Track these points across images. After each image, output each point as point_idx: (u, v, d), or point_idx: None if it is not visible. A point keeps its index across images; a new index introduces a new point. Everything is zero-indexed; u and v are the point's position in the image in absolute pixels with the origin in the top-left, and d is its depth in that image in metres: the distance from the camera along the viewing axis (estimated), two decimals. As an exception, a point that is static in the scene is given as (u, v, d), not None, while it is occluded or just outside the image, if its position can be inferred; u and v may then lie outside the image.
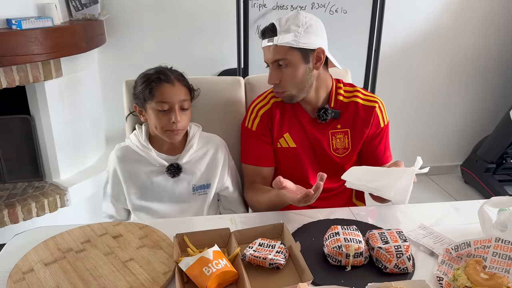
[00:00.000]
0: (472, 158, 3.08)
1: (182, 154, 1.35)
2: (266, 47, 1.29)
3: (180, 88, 1.28)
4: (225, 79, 1.55)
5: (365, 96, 1.38)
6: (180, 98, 1.27)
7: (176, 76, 1.30)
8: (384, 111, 1.39)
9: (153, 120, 1.29)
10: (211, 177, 1.39)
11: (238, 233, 1.07)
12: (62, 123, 2.25)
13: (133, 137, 1.37)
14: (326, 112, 1.33)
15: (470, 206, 1.25)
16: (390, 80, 2.90)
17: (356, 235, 1.00)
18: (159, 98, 1.25)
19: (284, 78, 1.28)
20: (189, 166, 1.36)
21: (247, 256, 0.97)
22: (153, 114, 1.28)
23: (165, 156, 1.35)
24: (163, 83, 1.26)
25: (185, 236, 1.03)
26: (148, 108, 1.29)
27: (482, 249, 0.98)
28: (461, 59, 3.00)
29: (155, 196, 1.35)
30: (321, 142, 1.37)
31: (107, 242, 1.04)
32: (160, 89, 1.25)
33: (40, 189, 2.23)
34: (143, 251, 1.01)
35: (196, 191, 1.37)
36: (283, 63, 1.26)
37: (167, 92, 1.26)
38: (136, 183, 1.35)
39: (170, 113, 1.26)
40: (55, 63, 2.11)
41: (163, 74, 1.28)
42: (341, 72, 1.59)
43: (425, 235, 1.11)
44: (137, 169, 1.35)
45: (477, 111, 3.18)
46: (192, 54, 2.68)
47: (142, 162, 1.34)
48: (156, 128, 1.29)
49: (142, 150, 1.33)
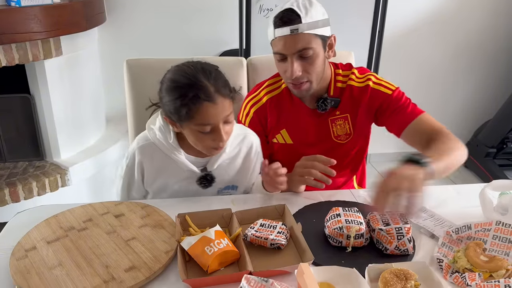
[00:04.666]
0: (472, 142, 3.08)
1: (213, 159, 1.19)
2: (287, 36, 1.15)
3: (223, 103, 1.05)
4: (227, 59, 1.53)
5: (358, 78, 1.31)
6: (224, 115, 1.06)
7: (217, 88, 1.04)
8: (383, 82, 1.30)
9: (192, 139, 1.11)
10: (240, 180, 1.27)
11: (239, 213, 1.07)
12: (62, 102, 2.24)
13: (158, 132, 1.16)
14: (325, 102, 1.28)
15: (471, 189, 1.25)
16: (392, 63, 2.87)
17: (357, 217, 1.01)
18: (200, 121, 1.04)
19: (308, 69, 1.19)
20: (218, 170, 1.21)
21: (248, 236, 0.98)
22: (193, 134, 1.09)
23: (194, 159, 1.18)
24: (204, 103, 1.02)
25: (187, 216, 1.03)
26: (185, 126, 1.09)
27: (482, 232, 0.99)
28: (464, 43, 2.97)
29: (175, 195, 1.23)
30: (322, 132, 1.33)
31: (109, 221, 1.05)
32: (200, 111, 1.03)
33: (41, 169, 2.24)
34: (145, 230, 1.01)
35: (220, 192, 1.26)
36: (307, 53, 1.16)
37: (209, 113, 1.03)
38: (158, 185, 1.22)
39: (213, 131, 1.07)
40: (54, 42, 2.09)
41: (201, 89, 1.02)
42: (344, 54, 1.57)
43: (426, 217, 1.11)
44: (163, 170, 1.20)
45: (479, 95, 3.16)
46: (193, 34, 2.64)
47: (168, 164, 1.18)
48: (196, 145, 1.12)
49: (169, 151, 1.16)
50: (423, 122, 1.26)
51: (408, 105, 1.28)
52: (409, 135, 1.27)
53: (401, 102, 1.28)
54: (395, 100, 1.28)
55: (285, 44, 1.17)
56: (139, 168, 1.20)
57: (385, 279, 0.83)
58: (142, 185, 1.23)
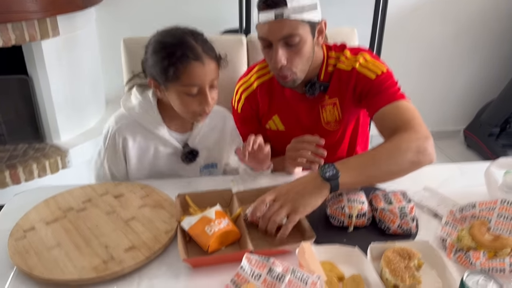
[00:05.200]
0: (476, 122, 3.05)
1: (194, 133, 1.20)
2: (272, 21, 1.06)
3: (210, 65, 1.05)
4: (226, 37, 1.50)
5: (348, 59, 1.22)
6: (211, 77, 1.06)
7: (205, 50, 1.04)
8: (371, 64, 1.19)
9: (178, 103, 1.08)
10: (218, 156, 1.28)
11: (240, 194, 1.06)
12: (60, 83, 2.22)
13: (138, 107, 1.15)
14: (313, 87, 1.21)
15: (475, 168, 1.23)
16: (395, 42, 2.82)
17: (359, 196, 0.99)
18: (187, 81, 1.03)
19: (293, 58, 1.11)
20: (199, 145, 1.22)
21: (248, 216, 0.96)
22: (178, 98, 1.07)
23: (175, 134, 1.19)
24: (191, 62, 1.02)
25: (187, 196, 1.02)
26: (170, 88, 1.07)
27: (487, 211, 0.97)
28: (467, 22, 2.90)
29: (159, 176, 1.21)
30: (313, 118, 1.28)
31: (108, 202, 1.03)
32: (188, 71, 1.02)
33: (41, 151, 2.22)
34: (144, 211, 1.00)
35: (202, 171, 1.26)
36: (293, 40, 1.07)
37: (197, 74, 1.03)
38: (142, 163, 1.19)
39: (199, 95, 1.06)
40: (51, 21, 2.05)
41: (189, 49, 1.02)
42: (347, 30, 1.54)
43: (429, 196, 1.10)
44: (145, 147, 1.17)
45: (483, 75, 3.12)
46: (192, 13, 2.59)
47: (150, 139, 1.17)
48: (181, 111, 1.10)
49: (151, 125, 1.14)
50: (394, 110, 1.12)
51: (388, 89, 1.15)
52: (378, 120, 1.15)
53: (383, 87, 1.16)
54: (377, 84, 1.16)
55: (270, 29, 1.08)
56: (121, 148, 1.17)
57: (387, 258, 0.82)
58: (125, 165, 1.20)
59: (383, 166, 0.99)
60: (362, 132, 1.40)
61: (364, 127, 1.42)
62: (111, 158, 1.19)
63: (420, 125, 1.06)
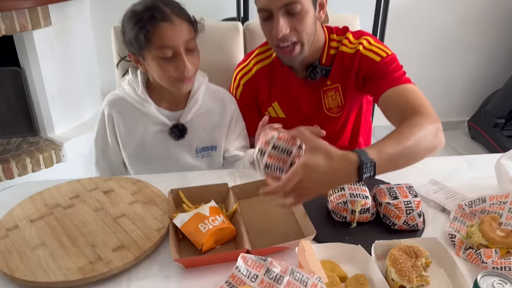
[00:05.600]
0: (480, 113, 2.98)
1: (185, 110, 1.16)
2: None
3: (181, 25, 1.03)
4: (222, 24, 1.43)
5: (351, 43, 1.17)
6: (184, 38, 1.03)
7: (174, 11, 1.04)
8: (376, 47, 1.15)
9: (156, 70, 1.07)
10: (218, 140, 1.23)
11: (236, 188, 1.00)
12: (54, 75, 2.16)
13: (127, 86, 1.16)
14: (315, 71, 1.16)
15: (484, 160, 1.18)
16: (399, 31, 2.75)
17: (362, 190, 0.93)
18: (159, 43, 1.02)
19: (296, 26, 1.05)
20: (193, 124, 1.18)
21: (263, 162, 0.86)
22: (155, 64, 1.05)
23: (166, 112, 1.16)
24: (160, 23, 1.01)
25: (181, 192, 0.97)
26: (147, 56, 1.06)
27: (498, 205, 0.92)
28: (474, 10, 2.82)
29: (153, 157, 1.19)
30: (314, 104, 1.23)
31: (97, 198, 0.98)
32: (157, 32, 1.01)
33: (35, 145, 2.17)
34: (135, 207, 0.95)
35: (199, 153, 1.22)
36: (295, 8, 1.03)
37: (167, 34, 1.01)
38: (132, 142, 1.18)
39: (175, 58, 1.04)
40: (43, 11, 1.99)
41: (157, 10, 1.01)
42: (348, 17, 1.47)
43: (436, 190, 1.04)
44: (134, 126, 1.16)
45: (488, 64, 3.04)
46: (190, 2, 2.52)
47: (139, 118, 1.15)
48: (161, 79, 1.08)
49: (139, 103, 1.14)
50: (402, 92, 1.06)
51: (394, 72, 1.10)
52: (384, 104, 1.09)
53: (389, 69, 1.11)
54: (382, 66, 1.12)
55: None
56: (110, 124, 1.18)
57: (393, 256, 0.77)
58: (117, 145, 1.20)
59: (411, 154, 0.90)
60: (365, 121, 1.35)
61: (367, 117, 1.36)
62: (102, 137, 1.20)
63: (430, 109, 1.01)
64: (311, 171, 0.77)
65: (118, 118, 1.17)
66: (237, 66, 1.31)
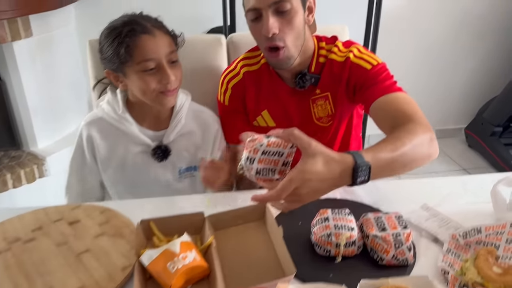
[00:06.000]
0: (477, 120, 2.92)
1: (168, 130, 1.13)
2: None
3: (162, 38, 1.03)
4: (204, 37, 1.37)
5: (341, 51, 1.15)
6: (166, 49, 1.03)
7: (153, 24, 1.03)
8: (366, 55, 1.12)
9: (138, 85, 1.03)
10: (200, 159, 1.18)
11: (213, 217, 0.93)
12: (36, 87, 2.09)
13: (107, 106, 1.12)
14: (304, 78, 1.13)
15: (480, 181, 1.11)
16: (392, 37, 2.68)
17: (348, 221, 0.86)
18: (140, 56, 1.00)
19: (285, 27, 1.02)
20: (176, 145, 1.15)
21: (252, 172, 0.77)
22: (137, 78, 1.02)
23: (148, 131, 1.13)
24: (140, 36, 0.99)
25: (152, 222, 0.89)
26: (128, 72, 1.03)
27: (494, 236, 0.84)
28: (469, 14, 2.76)
29: (134, 178, 1.15)
30: (303, 113, 1.18)
31: (61, 230, 0.91)
32: (138, 45, 0.99)
33: (16, 159, 2.09)
34: (101, 240, 0.87)
35: (182, 174, 1.18)
36: (284, 6, 1.00)
37: (148, 46, 1.00)
38: (112, 163, 1.14)
39: (158, 71, 1.02)
40: (23, 22, 1.92)
41: (136, 24, 1.00)
42: (337, 28, 1.40)
43: (429, 217, 0.97)
44: (115, 146, 1.12)
45: (484, 71, 2.98)
46: (179, 9, 2.46)
47: (119, 138, 1.12)
48: (144, 94, 1.04)
49: (119, 123, 1.10)
50: (394, 100, 1.03)
51: (385, 80, 1.08)
52: (376, 112, 1.06)
53: (380, 77, 1.08)
54: (373, 75, 1.09)
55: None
56: (89, 145, 1.12)
57: (379, 300, 0.70)
58: (96, 166, 1.15)
59: (407, 160, 0.86)
60: (355, 135, 1.29)
61: (357, 131, 1.31)
62: (79, 158, 1.16)
63: (424, 119, 0.97)
64: (309, 178, 0.72)
65: (98, 139, 1.12)
66: (224, 72, 1.26)
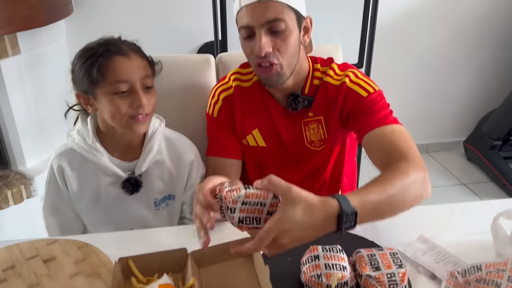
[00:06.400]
0: (476, 134, 2.88)
1: (140, 160, 1.07)
2: (255, 4, 0.95)
3: (138, 61, 0.99)
4: (192, 57, 1.32)
5: (337, 74, 1.10)
6: (141, 74, 0.98)
7: (130, 47, 1.00)
8: (363, 81, 1.08)
9: (108, 108, 0.98)
10: (176, 189, 1.14)
11: (197, 253, 0.87)
12: (24, 105, 2.04)
13: (77, 136, 1.07)
14: (296, 100, 1.08)
15: (480, 209, 1.06)
16: (387, 52, 2.65)
17: (340, 259, 0.81)
18: (113, 77, 0.95)
19: (279, 46, 0.98)
20: (148, 175, 1.09)
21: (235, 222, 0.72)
22: (107, 100, 0.97)
23: (119, 162, 1.07)
24: (115, 57, 0.96)
25: (130, 261, 0.84)
26: (99, 93, 0.98)
27: (495, 273, 0.79)
28: (465, 26, 2.73)
29: (109, 210, 1.10)
30: (295, 136, 1.14)
31: (35, 269, 0.85)
32: (111, 65, 0.95)
33: (4, 179, 2.04)
34: (77, 282, 0.82)
35: (158, 206, 1.12)
36: (278, 26, 0.96)
37: (122, 68, 0.96)
38: (85, 195, 1.09)
39: (130, 94, 0.97)
40: (10, 39, 1.87)
41: (111, 44, 0.97)
42: (331, 48, 1.36)
43: (426, 251, 0.92)
44: (86, 178, 1.07)
45: (482, 83, 2.94)
46: (171, 24, 2.43)
47: (90, 169, 1.07)
48: (114, 118, 0.99)
49: (90, 153, 1.04)
50: (389, 133, 0.99)
51: (381, 110, 1.03)
52: (369, 144, 1.02)
53: (376, 107, 1.04)
54: (369, 103, 1.04)
55: (253, 13, 0.96)
56: (61, 177, 1.08)
57: None
58: (70, 197, 1.10)
59: (394, 203, 0.81)
60: (349, 161, 1.24)
61: (351, 157, 1.26)
62: (53, 190, 1.11)
63: (419, 156, 0.93)
64: (289, 227, 0.66)
65: (68, 171, 1.07)
66: (216, 84, 1.22)
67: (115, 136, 1.05)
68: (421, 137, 3.00)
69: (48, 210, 1.11)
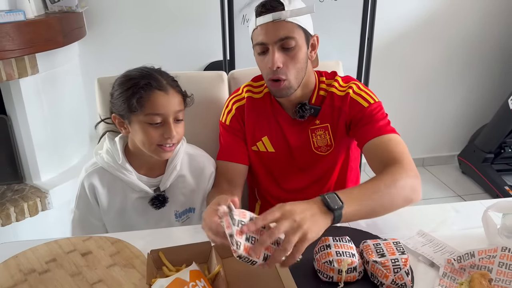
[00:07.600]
0: (469, 148, 3.00)
1: (164, 177, 1.16)
2: (269, 24, 1.08)
3: (174, 97, 1.07)
4: (206, 74, 1.44)
5: (341, 86, 1.22)
6: (176, 108, 1.06)
7: (169, 82, 1.08)
8: (364, 93, 1.19)
9: (140, 135, 1.07)
10: (196, 202, 1.23)
11: (219, 247, 0.97)
12: (40, 122, 2.14)
13: (106, 155, 1.14)
14: (303, 108, 1.19)
15: (472, 208, 1.16)
16: (384, 70, 2.80)
17: (349, 248, 0.91)
18: (150, 110, 1.03)
19: (288, 63, 1.10)
20: (171, 190, 1.19)
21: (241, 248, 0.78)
22: (141, 128, 1.05)
23: (146, 179, 1.16)
24: (155, 91, 1.03)
25: (161, 253, 0.93)
26: (134, 120, 1.06)
27: (487, 259, 0.89)
28: (458, 45, 2.89)
29: (132, 223, 1.18)
30: (302, 142, 1.24)
31: (74, 261, 0.94)
32: (151, 99, 1.03)
33: (19, 192, 2.13)
34: (113, 271, 0.91)
35: (179, 218, 1.21)
36: (289, 43, 1.09)
37: (160, 102, 1.04)
38: (112, 210, 1.17)
39: (163, 126, 1.06)
40: (30, 59, 2.00)
41: (153, 79, 1.05)
42: (331, 64, 1.49)
43: (425, 243, 1.02)
44: (114, 194, 1.16)
45: (474, 99, 3.09)
46: (178, 46, 2.56)
47: (119, 186, 1.15)
48: (143, 144, 1.08)
49: (119, 172, 1.13)
50: (386, 142, 1.10)
51: (380, 120, 1.15)
52: (368, 152, 1.14)
53: (375, 117, 1.15)
54: (369, 113, 1.16)
55: (267, 32, 1.09)
56: (92, 194, 1.16)
57: (381, 323, 0.74)
58: (99, 210, 1.18)
59: (383, 199, 0.95)
60: (353, 167, 1.34)
61: (355, 164, 1.36)
62: (82, 205, 1.18)
63: (411, 163, 1.05)
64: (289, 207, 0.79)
65: (99, 188, 1.15)
66: (230, 95, 1.34)
67: (143, 157, 1.13)
68: (417, 152, 3.12)
69: (77, 223, 1.19)
